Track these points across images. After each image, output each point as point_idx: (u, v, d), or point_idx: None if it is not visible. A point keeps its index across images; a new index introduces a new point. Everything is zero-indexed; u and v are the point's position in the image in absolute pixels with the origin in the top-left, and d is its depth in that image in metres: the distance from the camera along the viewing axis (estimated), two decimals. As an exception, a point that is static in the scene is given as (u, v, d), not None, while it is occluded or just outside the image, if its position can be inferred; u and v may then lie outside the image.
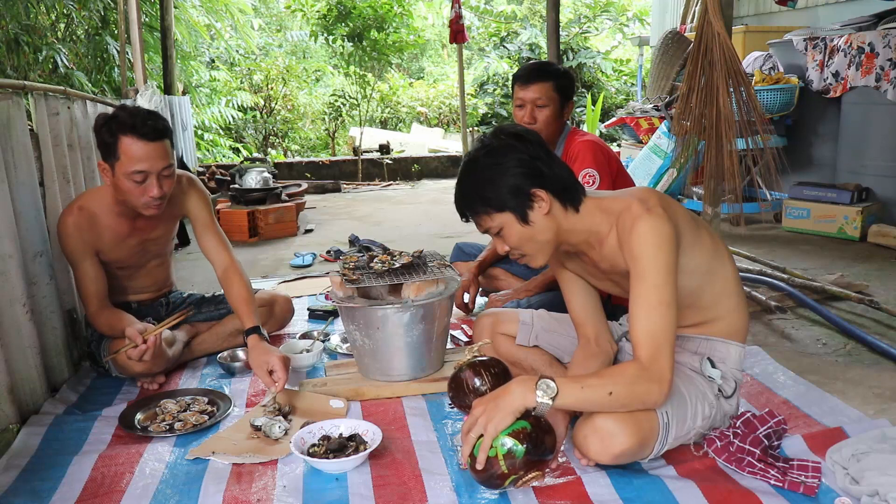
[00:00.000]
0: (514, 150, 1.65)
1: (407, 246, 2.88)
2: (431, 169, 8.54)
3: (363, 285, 2.24)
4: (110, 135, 2.12)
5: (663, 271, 1.57)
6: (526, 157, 1.65)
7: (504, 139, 1.68)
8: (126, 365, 2.28)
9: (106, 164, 2.17)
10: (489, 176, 1.65)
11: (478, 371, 1.79)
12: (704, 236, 1.75)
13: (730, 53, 3.18)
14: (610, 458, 1.62)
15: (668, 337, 1.57)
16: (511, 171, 1.64)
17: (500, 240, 1.72)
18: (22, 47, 5.92)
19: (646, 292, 1.57)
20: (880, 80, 4.27)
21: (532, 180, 1.65)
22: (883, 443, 1.75)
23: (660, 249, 1.58)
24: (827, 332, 2.78)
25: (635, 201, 1.64)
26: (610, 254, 1.71)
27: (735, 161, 3.19)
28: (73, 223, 2.26)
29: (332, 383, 2.28)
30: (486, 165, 1.66)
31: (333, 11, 8.25)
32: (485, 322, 2.27)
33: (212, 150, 9.15)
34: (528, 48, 10.74)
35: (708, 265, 1.74)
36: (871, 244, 4.12)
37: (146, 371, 2.30)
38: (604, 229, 1.70)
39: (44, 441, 1.99)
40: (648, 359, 1.55)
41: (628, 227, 1.61)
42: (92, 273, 2.31)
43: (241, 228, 4.97)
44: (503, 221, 1.67)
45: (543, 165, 1.66)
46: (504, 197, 1.64)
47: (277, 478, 1.78)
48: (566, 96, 2.64)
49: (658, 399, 1.57)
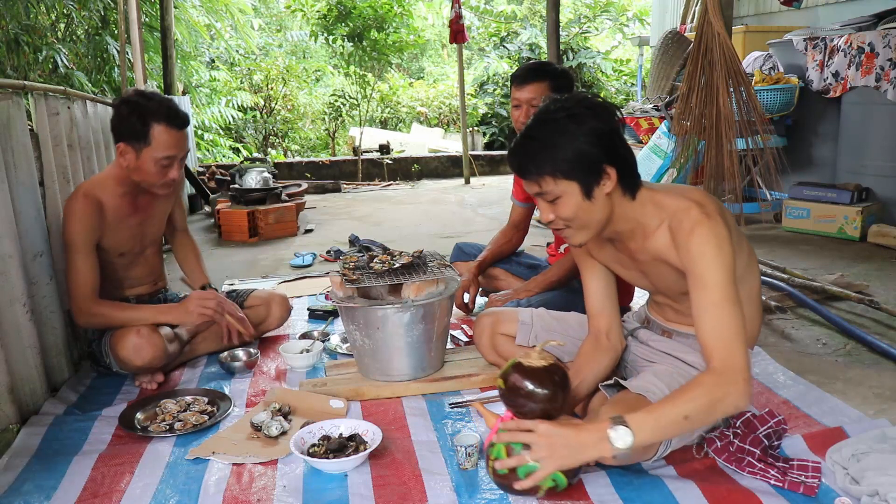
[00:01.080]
0: (595, 120, 1.58)
1: (407, 246, 2.89)
2: (431, 169, 8.54)
3: (363, 285, 2.24)
4: (142, 122, 2.22)
5: (726, 271, 1.55)
6: (606, 131, 1.59)
7: (586, 107, 1.60)
8: (127, 360, 2.29)
9: (129, 147, 2.25)
10: (565, 141, 1.57)
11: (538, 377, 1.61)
12: (744, 243, 1.77)
13: (730, 53, 3.18)
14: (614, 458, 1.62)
15: (739, 333, 1.53)
16: (589, 142, 1.57)
17: (549, 207, 1.63)
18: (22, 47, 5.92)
19: (710, 292, 1.55)
20: (880, 80, 4.27)
21: (606, 156, 1.59)
22: (883, 443, 1.75)
23: (721, 252, 1.56)
24: (827, 332, 2.78)
25: (694, 205, 1.61)
26: (655, 248, 1.69)
27: (735, 161, 3.20)
28: (80, 209, 2.29)
29: (332, 383, 2.28)
30: (565, 129, 1.57)
31: (333, 11, 8.24)
32: (485, 322, 2.28)
33: (212, 150, 9.15)
34: (528, 48, 10.74)
35: (742, 272, 1.73)
36: (871, 244, 4.12)
37: (147, 366, 2.31)
38: (653, 223, 1.67)
39: (44, 441, 1.99)
40: (721, 361, 1.51)
41: (687, 229, 1.59)
42: (91, 262, 2.32)
43: (241, 228, 4.97)
44: (565, 190, 1.59)
45: (618, 140, 1.62)
46: (576, 166, 1.57)
47: (277, 478, 1.78)
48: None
49: (739, 401, 1.50)
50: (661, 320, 1.95)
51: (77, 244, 2.29)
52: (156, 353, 2.29)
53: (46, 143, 2.45)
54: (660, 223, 1.66)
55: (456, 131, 10.17)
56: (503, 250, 3.02)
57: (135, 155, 2.27)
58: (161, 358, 2.33)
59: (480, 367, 2.35)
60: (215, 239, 5.11)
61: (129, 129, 2.24)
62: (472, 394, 2.23)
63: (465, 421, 2.07)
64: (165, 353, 2.35)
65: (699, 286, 1.56)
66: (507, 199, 3.93)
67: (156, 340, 2.30)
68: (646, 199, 1.68)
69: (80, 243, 2.29)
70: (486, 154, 8.93)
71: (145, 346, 2.27)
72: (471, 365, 2.38)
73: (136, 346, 2.27)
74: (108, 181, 2.37)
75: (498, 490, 1.67)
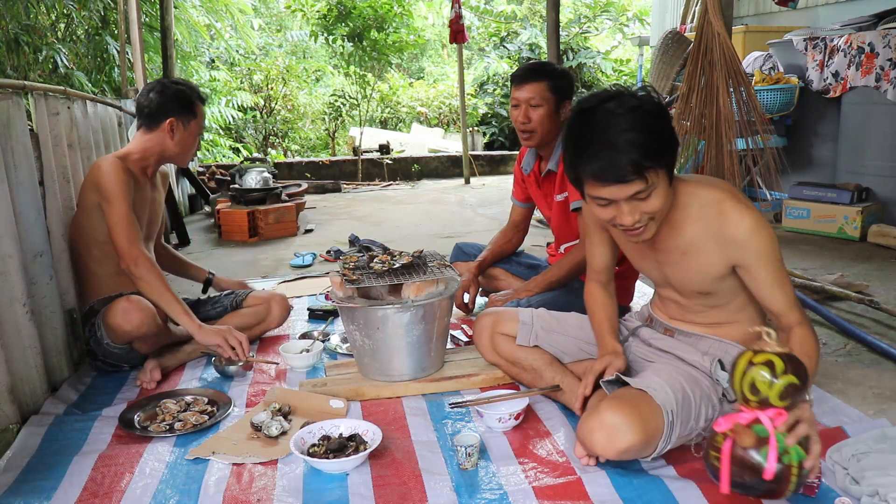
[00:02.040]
0: (644, 105, 1.56)
1: (407, 246, 2.89)
2: (431, 169, 8.54)
3: (363, 285, 2.24)
4: (189, 99, 2.52)
5: (779, 253, 1.67)
6: (670, 119, 1.62)
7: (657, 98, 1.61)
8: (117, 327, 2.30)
9: (179, 122, 2.50)
10: (662, 129, 1.56)
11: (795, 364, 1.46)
12: None
13: (730, 53, 3.18)
14: (615, 453, 1.63)
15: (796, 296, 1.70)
16: (661, 125, 1.57)
17: (635, 205, 1.58)
18: (22, 47, 5.91)
19: (774, 271, 1.66)
20: (880, 80, 4.27)
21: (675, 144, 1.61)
22: (883, 443, 1.75)
23: (772, 237, 1.66)
24: (827, 332, 2.78)
25: (728, 195, 1.68)
26: (688, 237, 1.71)
27: (735, 161, 3.19)
28: (118, 166, 2.39)
29: (332, 383, 2.28)
30: (657, 119, 1.56)
31: (333, 11, 8.24)
32: (485, 322, 2.28)
33: (212, 150, 9.15)
34: (528, 48, 10.74)
35: None
36: (871, 244, 4.12)
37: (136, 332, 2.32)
38: (686, 212, 1.69)
39: (44, 441, 1.99)
40: (802, 318, 1.67)
41: (733, 219, 1.64)
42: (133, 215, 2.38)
43: (241, 228, 4.97)
44: (659, 180, 1.57)
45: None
46: (670, 154, 1.58)
47: (277, 478, 1.78)
48: (563, 96, 2.63)
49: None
50: (664, 318, 1.95)
51: (119, 195, 2.35)
52: (143, 317, 2.30)
53: (46, 143, 2.45)
54: (695, 212, 1.69)
55: (456, 131, 10.18)
56: (503, 250, 3.02)
57: (183, 128, 2.51)
58: (151, 325, 2.33)
59: (480, 367, 2.35)
60: (215, 239, 5.10)
61: (182, 105, 2.50)
62: (472, 394, 2.23)
63: (465, 421, 2.07)
64: (155, 320, 2.36)
65: (761, 265, 1.65)
66: (506, 199, 3.93)
67: (144, 307, 2.32)
68: (678, 185, 1.70)
69: (123, 193, 2.36)
70: (486, 154, 8.94)
71: (133, 311, 2.29)
72: (471, 365, 2.38)
73: (124, 309, 2.29)
74: (131, 155, 2.49)
75: (498, 490, 1.67)
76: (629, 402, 1.65)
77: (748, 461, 1.43)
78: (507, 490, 1.68)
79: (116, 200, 2.35)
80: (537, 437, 1.95)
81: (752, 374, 1.43)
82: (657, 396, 1.68)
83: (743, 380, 1.44)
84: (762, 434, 1.42)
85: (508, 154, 8.85)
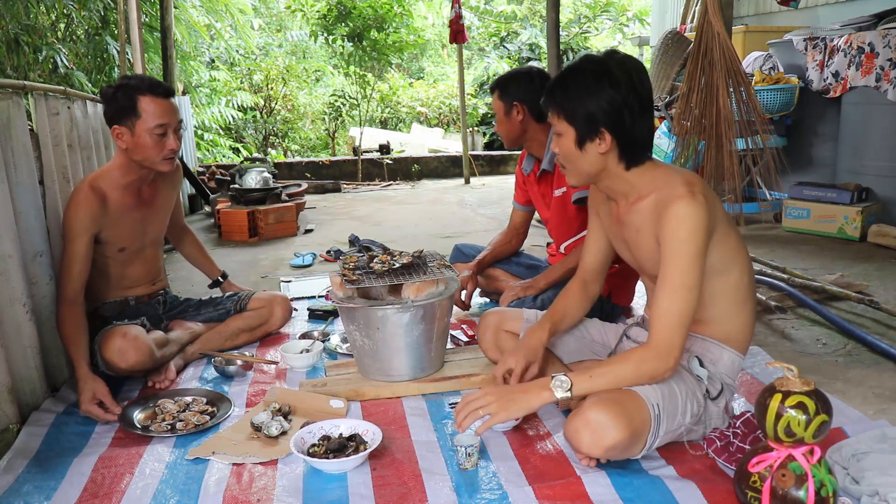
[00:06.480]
0: (614, 87, 1.68)
1: (407, 246, 2.89)
2: (431, 169, 8.54)
3: (363, 285, 2.24)
4: (127, 98, 2.29)
5: (693, 256, 1.63)
6: (619, 100, 1.68)
7: (618, 72, 1.70)
8: (112, 362, 2.27)
9: (123, 128, 2.31)
10: (580, 92, 1.70)
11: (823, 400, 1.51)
12: (732, 237, 1.78)
13: (730, 53, 3.18)
14: (602, 450, 1.63)
15: (685, 319, 1.64)
16: (597, 101, 1.69)
17: (555, 140, 1.80)
18: (22, 47, 5.92)
19: (671, 274, 1.64)
20: (880, 80, 4.27)
21: (608, 121, 1.69)
22: (883, 443, 1.75)
23: (693, 235, 1.63)
24: (827, 332, 2.78)
25: (682, 182, 1.69)
26: (639, 213, 1.77)
27: (735, 161, 3.20)
28: (83, 198, 2.32)
29: (332, 383, 2.28)
30: (585, 81, 1.71)
31: (333, 11, 8.24)
32: (490, 319, 2.29)
33: (212, 150, 9.15)
34: (528, 48, 10.75)
35: (724, 265, 1.75)
36: (871, 244, 4.12)
37: (132, 370, 2.30)
38: (644, 191, 1.76)
39: (44, 441, 2.00)
40: (659, 336, 1.64)
41: (668, 202, 1.66)
42: (83, 252, 2.31)
43: (241, 228, 4.97)
44: (564, 131, 1.75)
45: (628, 116, 1.70)
46: (578, 115, 1.71)
47: (277, 478, 1.78)
48: (511, 99, 2.69)
49: (664, 376, 1.67)
50: (649, 315, 1.95)
51: (75, 230, 2.30)
52: (139, 357, 2.28)
53: (46, 143, 2.45)
54: (649, 193, 1.74)
55: (456, 131, 10.18)
56: (502, 252, 3.03)
57: (130, 132, 2.32)
58: (146, 362, 2.32)
59: (480, 366, 2.35)
60: (215, 239, 5.10)
61: (119, 108, 2.30)
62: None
63: (465, 421, 2.07)
64: (152, 357, 2.34)
65: (667, 263, 1.66)
66: (506, 199, 3.93)
67: (140, 345, 2.29)
68: (646, 169, 1.77)
69: (79, 229, 2.30)
70: (486, 154, 8.93)
71: (129, 350, 2.27)
72: (471, 365, 2.38)
73: (120, 349, 2.26)
74: (112, 171, 2.42)
75: (497, 490, 1.68)
76: (613, 399, 1.65)
77: (790, 499, 1.47)
78: (507, 490, 1.67)
79: (70, 241, 2.31)
80: (537, 437, 1.95)
81: (787, 418, 1.47)
82: (640, 390, 1.68)
83: (777, 424, 1.48)
84: (798, 472, 1.47)
85: (508, 154, 8.85)
